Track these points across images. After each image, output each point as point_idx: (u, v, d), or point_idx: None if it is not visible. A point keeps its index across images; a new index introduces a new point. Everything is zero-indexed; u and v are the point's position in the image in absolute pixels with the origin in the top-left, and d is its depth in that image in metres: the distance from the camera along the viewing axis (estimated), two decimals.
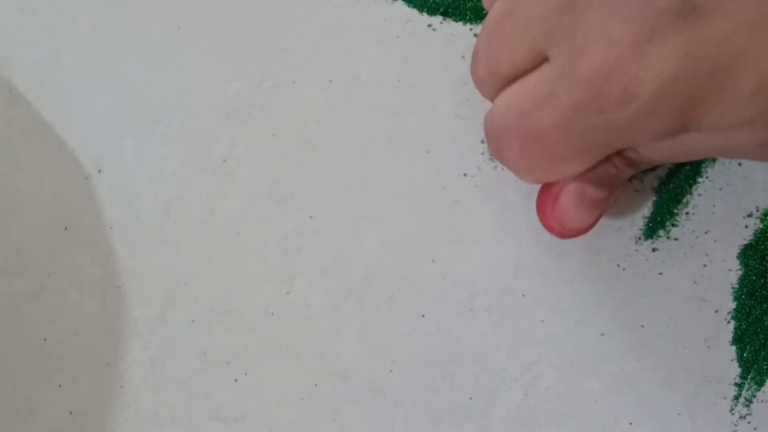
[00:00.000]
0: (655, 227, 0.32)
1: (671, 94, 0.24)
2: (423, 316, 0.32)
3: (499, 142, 0.29)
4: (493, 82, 0.28)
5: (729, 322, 0.31)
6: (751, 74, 0.23)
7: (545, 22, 0.25)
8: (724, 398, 0.31)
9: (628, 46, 0.23)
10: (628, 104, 0.24)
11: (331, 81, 0.34)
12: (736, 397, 0.31)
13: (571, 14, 0.25)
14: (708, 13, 0.23)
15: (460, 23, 0.34)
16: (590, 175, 0.28)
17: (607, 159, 0.28)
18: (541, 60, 0.26)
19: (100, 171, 0.34)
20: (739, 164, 0.32)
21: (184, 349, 0.32)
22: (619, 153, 0.28)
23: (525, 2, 0.26)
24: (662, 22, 0.23)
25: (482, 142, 0.33)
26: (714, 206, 0.32)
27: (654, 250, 0.32)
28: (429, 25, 0.34)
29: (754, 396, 0.31)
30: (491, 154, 0.29)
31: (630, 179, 0.32)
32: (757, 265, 0.31)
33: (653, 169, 0.32)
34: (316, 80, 0.34)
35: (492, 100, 0.29)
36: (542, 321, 0.32)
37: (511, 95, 0.27)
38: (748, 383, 0.31)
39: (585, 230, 0.30)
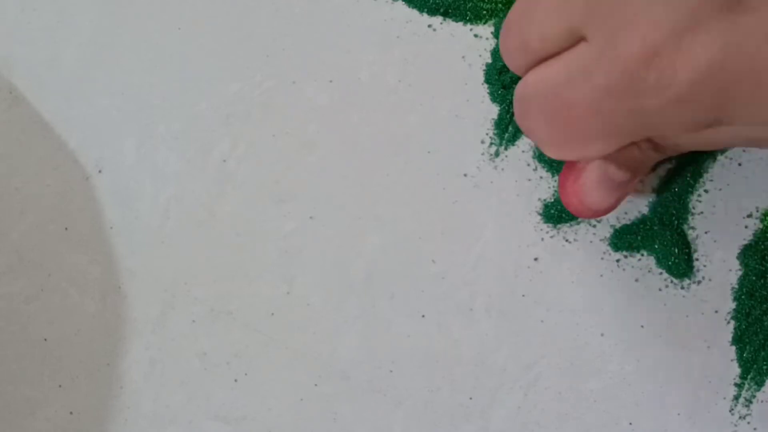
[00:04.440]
0: None
1: (707, 85, 0.23)
2: (423, 316, 0.32)
3: (526, 110, 0.28)
4: (524, 56, 0.28)
5: (729, 323, 0.31)
6: None
7: None
8: (724, 398, 0.31)
9: (668, 32, 0.23)
10: (663, 92, 0.24)
11: (331, 81, 0.34)
12: (736, 397, 0.31)
13: None
14: (754, 8, 0.23)
15: (460, 23, 0.34)
16: (614, 156, 0.28)
17: (633, 142, 0.28)
18: (576, 39, 0.26)
19: (100, 171, 0.34)
20: (740, 164, 0.32)
21: (184, 349, 0.32)
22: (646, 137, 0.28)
23: None
24: (705, 10, 0.23)
25: (482, 142, 0.33)
26: (714, 206, 0.32)
27: None
28: (429, 26, 0.34)
29: (754, 396, 0.31)
30: (516, 121, 0.29)
31: (654, 167, 0.32)
32: (756, 266, 0.31)
33: (666, 161, 0.32)
34: (316, 80, 0.34)
35: (521, 74, 0.29)
36: (542, 321, 0.32)
37: (543, 70, 0.27)
38: (748, 383, 0.31)
39: (604, 211, 0.30)
